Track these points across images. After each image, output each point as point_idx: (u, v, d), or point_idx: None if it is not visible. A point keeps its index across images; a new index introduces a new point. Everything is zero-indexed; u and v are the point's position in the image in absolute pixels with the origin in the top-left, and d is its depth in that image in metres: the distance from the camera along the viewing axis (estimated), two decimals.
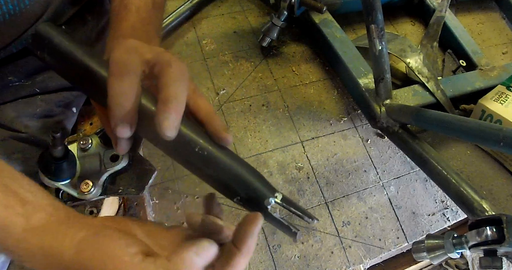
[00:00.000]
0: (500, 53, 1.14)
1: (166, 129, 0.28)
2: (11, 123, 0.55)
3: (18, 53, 0.49)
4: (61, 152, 0.49)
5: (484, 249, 0.47)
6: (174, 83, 0.29)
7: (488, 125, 0.57)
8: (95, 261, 0.27)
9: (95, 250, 0.28)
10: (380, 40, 0.73)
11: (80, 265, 0.28)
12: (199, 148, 0.32)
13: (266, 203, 0.34)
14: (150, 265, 0.26)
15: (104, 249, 0.28)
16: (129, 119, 0.30)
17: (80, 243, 0.29)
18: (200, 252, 0.28)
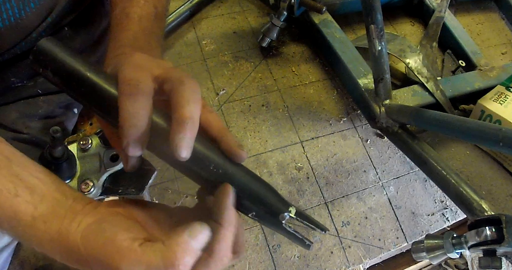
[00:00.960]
0: (499, 53, 1.14)
1: (182, 149, 0.28)
2: (13, 124, 0.55)
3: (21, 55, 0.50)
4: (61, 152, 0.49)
5: (484, 249, 0.47)
6: (188, 103, 0.29)
7: (488, 125, 0.57)
8: (97, 246, 0.29)
9: (98, 236, 0.29)
10: (379, 40, 0.73)
11: (85, 250, 0.29)
12: (213, 165, 0.32)
13: (281, 218, 0.35)
14: (147, 249, 0.27)
15: (106, 234, 0.29)
16: (141, 139, 0.30)
17: (86, 229, 0.30)
18: (194, 234, 0.28)
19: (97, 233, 0.29)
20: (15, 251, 0.65)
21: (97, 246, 0.29)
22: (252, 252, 0.75)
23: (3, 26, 0.44)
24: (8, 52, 0.47)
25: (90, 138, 0.55)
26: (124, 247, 0.28)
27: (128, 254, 0.27)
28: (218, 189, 0.31)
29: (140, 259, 0.27)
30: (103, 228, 0.30)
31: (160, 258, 0.27)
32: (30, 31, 0.48)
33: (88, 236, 0.29)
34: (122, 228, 0.29)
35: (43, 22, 0.48)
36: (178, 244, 0.27)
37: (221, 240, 0.29)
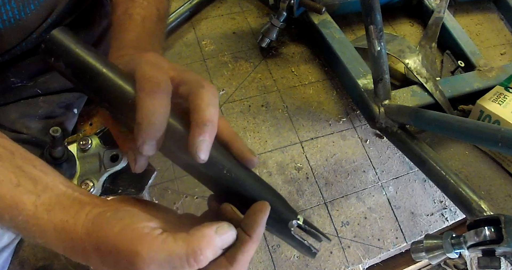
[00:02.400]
0: (498, 54, 1.14)
1: (201, 152, 0.29)
2: (13, 124, 0.55)
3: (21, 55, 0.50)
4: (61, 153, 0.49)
5: (483, 249, 0.47)
6: (208, 106, 0.30)
7: (487, 125, 0.57)
8: (113, 233, 0.27)
9: (115, 223, 0.28)
10: (379, 41, 0.73)
11: (96, 238, 0.28)
12: (227, 170, 0.32)
13: (290, 226, 0.34)
14: (169, 237, 0.27)
15: (124, 221, 0.28)
16: (158, 138, 0.29)
17: (98, 217, 0.28)
18: (220, 231, 0.28)
19: (113, 221, 0.28)
20: (15, 251, 0.65)
21: (112, 233, 0.27)
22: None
23: (3, 27, 0.44)
24: (8, 52, 0.47)
25: (90, 138, 0.56)
26: (145, 233, 0.27)
27: (149, 241, 0.26)
28: (256, 204, 0.31)
29: (162, 246, 0.26)
30: (120, 216, 0.28)
31: (183, 246, 0.26)
32: (31, 32, 0.48)
33: (102, 223, 0.28)
34: (141, 218, 0.28)
35: (43, 23, 0.49)
36: (204, 236, 0.27)
37: (246, 252, 0.29)
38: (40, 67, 0.53)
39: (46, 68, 0.53)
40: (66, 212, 0.29)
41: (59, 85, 0.55)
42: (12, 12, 0.44)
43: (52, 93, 0.55)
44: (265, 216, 0.30)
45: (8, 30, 0.45)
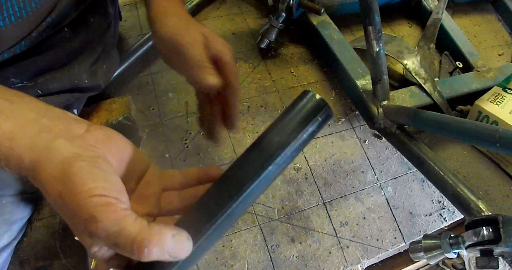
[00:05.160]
0: (496, 54, 1.14)
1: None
2: None
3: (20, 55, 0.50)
4: None
5: (481, 249, 0.47)
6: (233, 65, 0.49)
7: (485, 126, 0.57)
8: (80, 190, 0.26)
9: (87, 180, 0.27)
10: (377, 41, 0.74)
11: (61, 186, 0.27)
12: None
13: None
14: (129, 217, 0.27)
15: (95, 184, 0.27)
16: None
17: (71, 163, 0.27)
18: (178, 239, 0.27)
19: (86, 175, 0.27)
20: (15, 251, 0.65)
21: (80, 189, 0.26)
22: (251, 252, 0.75)
23: (4, 25, 0.44)
24: (8, 51, 0.48)
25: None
26: (110, 203, 0.26)
27: (110, 211, 0.26)
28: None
29: (119, 222, 0.26)
30: (95, 176, 0.27)
31: (136, 231, 0.26)
32: (31, 30, 0.48)
33: (72, 174, 0.27)
34: (112, 184, 0.28)
35: (43, 21, 0.49)
36: (159, 233, 0.26)
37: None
38: (39, 67, 0.53)
39: (46, 69, 0.54)
40: (31, 142, 0.28)
41: (59, 85, 0.55)
42: (13, 9, 0.44)
43: (52, 93, 0.55)
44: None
45: (8, 28, 0.45)
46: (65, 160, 0.27)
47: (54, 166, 0.27)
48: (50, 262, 0.65)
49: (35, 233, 0.68)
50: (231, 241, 0.75)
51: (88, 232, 0.26)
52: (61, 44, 0.53)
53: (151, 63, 0.93)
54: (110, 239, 0.26)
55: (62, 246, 0.66)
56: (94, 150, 0.29)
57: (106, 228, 0.26)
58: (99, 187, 0.27)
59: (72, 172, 0.27)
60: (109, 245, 0.27)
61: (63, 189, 0.27)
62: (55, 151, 0.28)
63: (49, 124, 0.29)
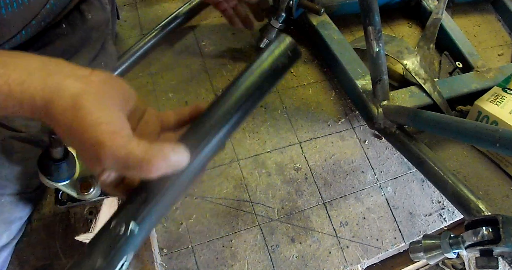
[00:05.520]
0: (496, 55, 1.14)
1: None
2: (11, 122, 0.55)
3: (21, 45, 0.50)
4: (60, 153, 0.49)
5: (480, 249, 0.47)
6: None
7: (484, 126, 0.57)
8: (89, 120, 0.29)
9: (94, 111, 0.30)
10: (377, 42, 0.74)
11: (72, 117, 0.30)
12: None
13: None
14: (134, 141, 0.29)
15: (103, 113, 0.30)
16: None
17: (80, 97, 0.30)
18: (177, 150, 0.31)
19: (94, 107, 0.30)
20: (15, 251, 0.65)
21: (89, 119, 0.29)
22: (251, 252, 0.75)
23: (6, 12, 0.44)
24: (9, 41, 0.48)
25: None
26: (116, 130, 0.29)
27: (117, 138, 0.29)
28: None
29: (126, 145, 0.29)
30: (102, 107, 0.30)
31: (142, 151, 0.29)
32: (31, 18, 0.48)
33: (82, 106, 0.30)
34: (117, 114, 0.31)
35: (42, 9, 0.49)
36: (162, 150, 0.30)
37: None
38: None
39: None
40: (41, 84, 0.31)
41: None
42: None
43: None
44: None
45: (11, 16, 0.45)
46: (75, 94, 0.30)
47: (65, 100, 0.30)
48: (50, 262, 0.65)
49: (35, 233, 0.68)
50: (231, 241, 0.75)
51: (97, 158, 0.29)
52: (59, 40, 0.54)
53: (151, 63, 0.93)
54: (119, 162, 0.29)
55: (62, 246, 0.66)
56: (100, 88, 0.31)
57: (114, 152, 0.29)
58: (105, 117, 0.30)
59: (81, 104, 0.30)
60: (119, 168, 0.30)
61: (73, 119, 0.29)
62: (65, 88, 0.30)
63: (56, 69, 0.32)
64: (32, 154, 0.58)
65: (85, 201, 0.54)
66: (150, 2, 1.04)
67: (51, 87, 0.31)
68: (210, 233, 0.75)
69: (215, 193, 0.79)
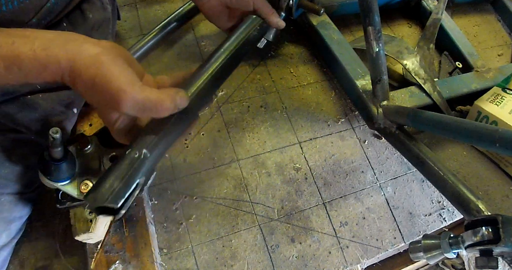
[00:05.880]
0: (496, 55, 1.15)
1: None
2: (11, 122, 0.55)
3: None
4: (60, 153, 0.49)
5: (480, 249, 0.47)
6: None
7: (484, 126, 0.58)
8: (110, 73, 0.37)
9: (113, 66, 0.37)
10: (377, 42, 0.74)
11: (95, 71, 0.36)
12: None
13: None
14: (147, 88, 0.38)
15: (120, 68, 0.38)
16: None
17: (98, 56, 0.37)
18: (180, 95, 0.41)
19: (112, 63, 0.37)
20: (15, 251, 0.65)
21: (110, 72, 0.36)
22: (251, 252, 0.75)
23: (7, 9, 0.45)
24: None
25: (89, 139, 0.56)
26: (133, 80, 0.37)
27: (135, 86, 0.37)
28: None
29: (142, 92, 0.37)
30: (118, 63, 0.38)
31: (155, 95, 0.38)
32: (31, 16, 0.49)
33: (102, 63, 0.36)
34: (129, 69, 0.38)
35: (43, 7, 0.49)
36: (169, 94, 0.39)
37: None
38: None
39: None
40: (63, 48, 0.37)
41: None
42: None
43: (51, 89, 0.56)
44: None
45: (11, 12, 0.46)
46: (93, 54, 0.37)
47: (86, 59, 0.36)
48: (50, 262, 0.66)
49: (35, 233, 0.68)
50: (231, 241, 0.75)
51: (118, 104, 0.37)
52: None
53: (151, 63, 0.93)
54: (137, 105, 0.37)
55: (62, 246, 0.66)
56: (111, 50, 0.38)
57: (134, 97, 0.37)
58: (122, 71, 0.37)
59: (101, 61, 0.37)
60: (136, 110, 0.38)
61: (96, 73, 0.36)
62: (85, 50, 0.37)
63: (71, 37, 0.38)
64: (32, 154, 0.58)
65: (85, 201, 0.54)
66: (150, 2, 1.04)
67: (73, 50, 0.36)
68: (210, 233, 0.75)
69: (215, 193, 0.79)
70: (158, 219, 0.75)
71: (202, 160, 0.82)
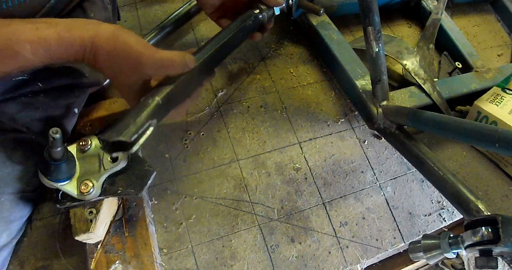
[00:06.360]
0: (495, 55, 1.15)
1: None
2: (12, 121, 0.55)
3: None
4: (60, 153, 0.49)
5: (480, 249, 0.47)
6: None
7: (484, 126, 0.58)
8: (129, 42, 0.45)
9: (130, 37, 0.45)
10: (377, 42, 0.74)
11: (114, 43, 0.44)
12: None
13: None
14: (160, 50, 0.46)
15: (135, 38, 0.46)
16: None
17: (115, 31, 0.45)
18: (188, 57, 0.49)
19: (128, 35, 0.45)
20: (15, 251, 0.65)
21: (129, 42, 0.44)
22: (251, 252, 0.75)
23: (6, 7, 0.45)
24: None
25: (89, 139, 0.56)
26: (149, 46, 0.46)
27: (151, 50, 0.45)
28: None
29: (157, 54, 0.45)
30: (132, 34, 0.46)
31: (168, 56, 0.46)
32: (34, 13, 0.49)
33: (120, 35, 0.44)
34: (142, 39, 0.47)
35: (46, 4, 0.49)
36: (179, 54, 0.47)
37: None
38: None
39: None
40: (84, 28, 0.44)
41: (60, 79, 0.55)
42: None
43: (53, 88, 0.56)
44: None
45: (12, 11, 0.46)
46: (111, 30, 0.45)
47: (106, 34, 0.44)
48: (50, 262, 0.66)
49: (35, 233, 0.68)
50: (231, 241, 0.76)
51: (138, 66, 0.45)
52: None
53: None
54: (155, 64, 0.45)
55: (62, 246, 0.66)
56: (124, 29, 0.46)
57: (152, 58, 0.45)
58: (137, 40, 0.45)
59: (119, 34, 0.45)
60: (154, 69, 0.46)
61: (116, 44, 0.44)
62: (103, 28, 0.45)
63: (87, 21, 0.46)
64: (33, 154, 0.58)
65: (85, 201, 0.54)
66: (150, 3, 1.04)
67: (93, 29, 0.44)
68: (210, 233, 0.75)
69: (214, 193, 0.79)
70: (158, 219, 0.75)
71: (202, 160, 0.82)
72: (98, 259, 0.61)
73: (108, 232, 0.63)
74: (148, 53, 0.44)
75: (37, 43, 0.41)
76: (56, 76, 0.55)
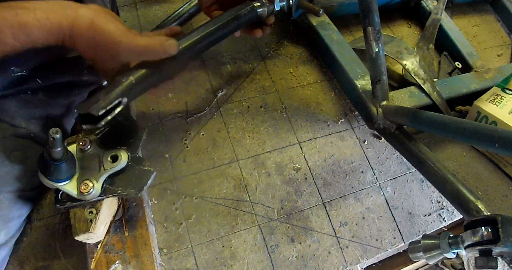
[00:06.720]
0: (495, 55, 1.15)
1: None
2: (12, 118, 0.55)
3: None
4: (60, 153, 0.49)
5: (480, 249, 0.47)
6: None
7: (484, 126, 0.58)
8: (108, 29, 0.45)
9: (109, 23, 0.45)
10: (377, 42, 0.74)
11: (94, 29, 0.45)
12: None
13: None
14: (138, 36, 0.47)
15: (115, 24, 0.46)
16: None
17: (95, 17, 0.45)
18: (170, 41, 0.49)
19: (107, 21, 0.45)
20: (15, 251, 0.65)
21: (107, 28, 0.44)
22: (251, 252, 0.75)
23: None
24: None
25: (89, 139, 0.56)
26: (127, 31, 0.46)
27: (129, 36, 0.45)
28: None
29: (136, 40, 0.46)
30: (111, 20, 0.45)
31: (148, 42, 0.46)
32: None
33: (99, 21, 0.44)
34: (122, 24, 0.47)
35: None
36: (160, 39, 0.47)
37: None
38: (40, 58, 0.53)
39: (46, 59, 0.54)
40: (63, 15, 0.43)
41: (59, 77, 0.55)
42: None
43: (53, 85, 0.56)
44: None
45: None
46: (90, 17, 0.44)
47: (85, 21, 0.44)
48: (50, 262, 0.65)
49: (35, 233, 0.68)
50: (231, 241, 0.76)
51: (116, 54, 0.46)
52: None
53: None
54: (132, 52, 0.46)
55: (62, 246, 0.66)
56: (103, 11, 0.46)
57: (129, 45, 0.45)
58: (116, 27, 0.45)
59: (97, 22, 0.44)
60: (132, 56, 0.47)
61: (94, 32, 0.44)
62: (81, 14, 0.44)
63: (66, 4, 0.45)
64: (32, 153, 0.58)
65: (85, 201, 0.54)
66: (150, 3, 1.04)
67: (71, 15, 0.44)
68: (209, 233, 0.75)
69: (214, 193, 0.79)
70: (158, 219, 0.75)
71: (202, 160, 0.82)
72: (98, 259, 0.61)
73: (108, 232, 0.63)
74: (126, 41, 0.45)
75: (18, 29, 0.41)
76: (55, 73, 0.55)
